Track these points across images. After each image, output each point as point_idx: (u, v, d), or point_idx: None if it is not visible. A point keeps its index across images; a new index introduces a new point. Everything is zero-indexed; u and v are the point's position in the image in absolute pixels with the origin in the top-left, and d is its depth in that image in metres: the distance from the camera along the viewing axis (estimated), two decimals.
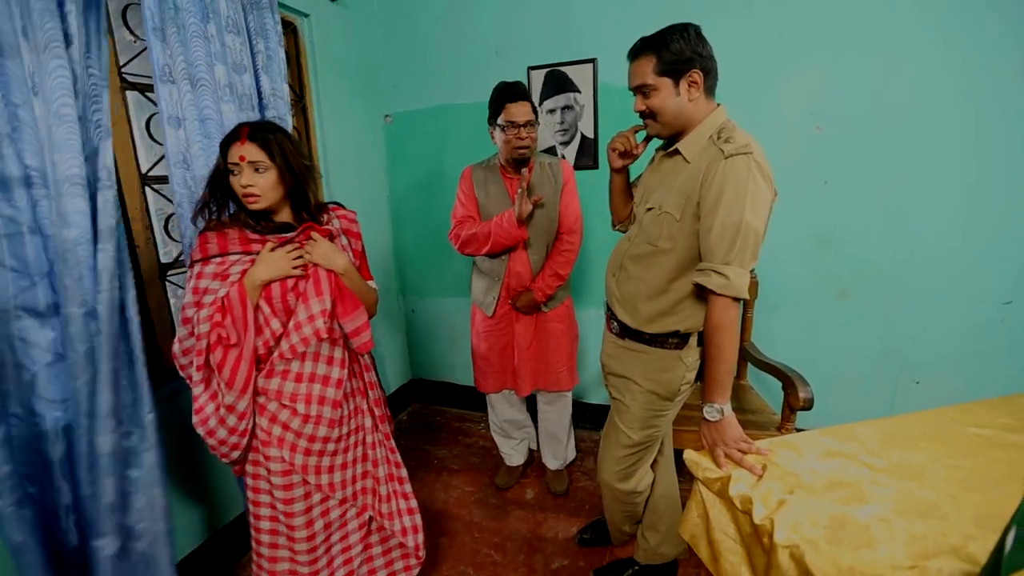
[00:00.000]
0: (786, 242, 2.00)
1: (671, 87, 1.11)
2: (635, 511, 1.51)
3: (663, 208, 1.15)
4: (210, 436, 1.14)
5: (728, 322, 1.05)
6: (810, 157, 1.90)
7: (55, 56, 1.08)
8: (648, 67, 1.11)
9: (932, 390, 1.94)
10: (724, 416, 1.07)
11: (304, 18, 2.03)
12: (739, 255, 1.03)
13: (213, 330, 1.09)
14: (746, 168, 1.03)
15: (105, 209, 1.17)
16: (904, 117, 1.78)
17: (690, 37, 1.10)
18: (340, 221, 1.31)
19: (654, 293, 1.19)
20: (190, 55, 1.41)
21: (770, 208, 1.10)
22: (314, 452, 1.20)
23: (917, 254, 1.86)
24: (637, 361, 1.26)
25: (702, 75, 1.11)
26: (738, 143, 1.06)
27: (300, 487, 1.20)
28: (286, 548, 1.22)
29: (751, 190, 1.02)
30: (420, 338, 2.79)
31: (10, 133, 1.07)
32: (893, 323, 1.94)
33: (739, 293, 1.03)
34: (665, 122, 1.15)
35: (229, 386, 1.11)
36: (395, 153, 2.58)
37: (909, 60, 1.73)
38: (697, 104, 1.13)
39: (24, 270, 1.11)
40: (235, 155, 1.10)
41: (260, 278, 1.12)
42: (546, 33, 2.14)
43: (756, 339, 2.07)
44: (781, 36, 1.85)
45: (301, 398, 1.18)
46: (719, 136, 1.09)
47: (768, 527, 0.87)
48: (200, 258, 1.15)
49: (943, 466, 1.03)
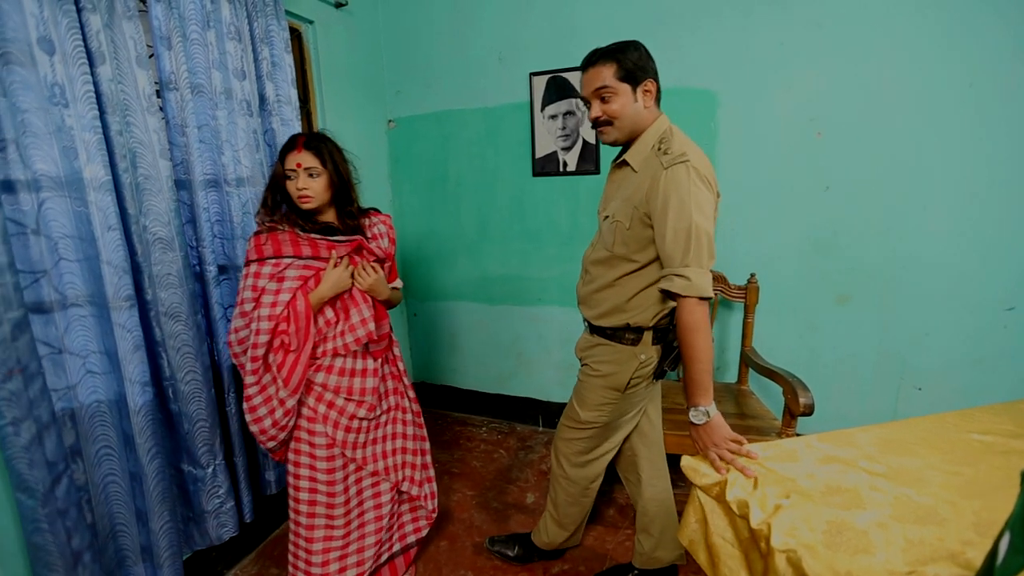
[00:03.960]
0: (786, 247, 2.00)
1: (630, 93, 1.16)
2: (579, 500, 1.52)
3: (615, 217, 1.22)
4: (256, 423, 1.29)
5: (698, 322, 1.09)
6: (811, 163, 1.91)
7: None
8: (608, 72, 1.16)
9: (934, 396, 1.93)
10: (711, 418, 1.08)
11: (309, 25, 2.06)
12: (695, 256, 1.08)
13: (277, 336, 1.25)
14: (685, 175, 1.09)
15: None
16: (905, 123, 1.78)
17: (643, 51, 1.18)
18: (382, 226, 1.47)
19: (610, 291, 1.27)
20: (192, 63, 1.44)
21: (714, 208, 1.15)
22: (352, 429, 1.39)
23: (918, 259, 1.85)
24: (599, 352, 1.33)
25: (655, 85, 1.18)
26: (675, 152, 1.12)
27: (340, 458, 1.38)
28: (323, 516, 1.39)
29: (693, 194, 1.08)
30: (422, 342, 2.80)
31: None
32: (894, 329, 1.93)
33: (703, 292, 1.08)
34: (622, 127, 1.19)
35: (286, 384, 1.27)
36: (398, 158, 2.60)
37: (910, 66, 1.74)
38: (650, 112, 1.20)
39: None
40: (292, 162, 1.26)
41: (326, 296, 1.30)
42: (548, 39, 2.16)
43: (757, 344, 2.07)
44: (782, 43, 1.86)
45: (344, 390, 1.37)
46: (660, 147, 1.16)
47: (765, 532, 0.87)
48: (256, 258, 1.29)
49: (943, 472, 1.02)
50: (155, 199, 1.35)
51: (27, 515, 1.12)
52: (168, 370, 1.40)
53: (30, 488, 1.11)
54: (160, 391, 1.42)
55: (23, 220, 1.14)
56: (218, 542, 1.56)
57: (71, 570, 1.19)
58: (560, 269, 2.36)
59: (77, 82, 1.17)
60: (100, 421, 1.29)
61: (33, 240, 1.16)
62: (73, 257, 1.22)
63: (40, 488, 1.12)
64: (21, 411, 1.08)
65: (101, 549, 1.28)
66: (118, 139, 1.26)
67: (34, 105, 1.12)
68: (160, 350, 1.39)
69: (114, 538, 1.34)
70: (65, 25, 1.14)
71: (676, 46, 1.98)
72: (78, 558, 1.21)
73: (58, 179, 1.18)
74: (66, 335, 1.23)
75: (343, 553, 1.44)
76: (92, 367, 1.28)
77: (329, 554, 1.42)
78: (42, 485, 1.12)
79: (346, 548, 1.44)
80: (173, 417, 1.45)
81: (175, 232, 1.39)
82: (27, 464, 1.10)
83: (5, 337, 1.05)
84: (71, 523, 1.20)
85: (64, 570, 1.17)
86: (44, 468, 1.13)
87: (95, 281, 1.25)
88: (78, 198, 1.20)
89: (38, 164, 1.14)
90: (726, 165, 2.01)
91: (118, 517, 1.34)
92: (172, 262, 1.39)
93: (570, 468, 1.47)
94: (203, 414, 1.48)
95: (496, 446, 2.45)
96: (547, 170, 2.29)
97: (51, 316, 1.20)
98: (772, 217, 2.00)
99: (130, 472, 1.35)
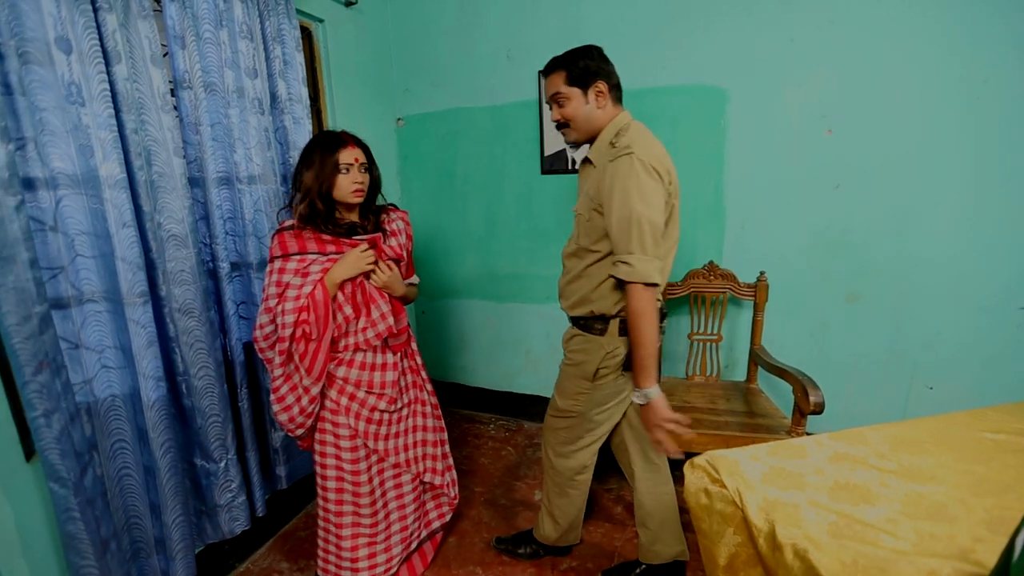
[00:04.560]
0: (796, 245, 1.99)
1: (580, 96, 1.25)
2: (566, 491, 1.54)
3: (579, 211, 1.33)
4: (285, 412, 1.35)
5: (642, 307, 1.15)
6: (821, 161, 1.90)
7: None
8: (559, 79, 1.26)
9: (945, 395, 1.91)
10: (650, 400, 1.18)
11: (319, 23, 2.07)
12: (638, 243, 1.14)
13: (299, 326, 1.27)
14: (628, 166, 1.15)
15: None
16: (917, 120, 1.77)
17: (594, 55, 1.26)
18: (400, 222, 1.52)
19: (579, 282, 1.34)
20: (205, 61, 1.46)
21: (664, 199, 1.20)
22: (374, 421, 1.43)
23: (929, 258, 1.84)
24: (575, 342, 1.40)
25: (607, 86, 1.25)
26: (622, 145, 1.19)
27: (362, 449, 1.42)
28: (350, 504, 1.44)
29: (635, 185, 1.14)
30: (430, 340, 2.81)
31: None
32: (905, 327, 1.92)
33: (646, 278, 1.14)
34: (578, 127, 1.29)
35: (309, 373, 1.31)
36: (407, 156, 2.61)
37: (922, 62, 1.73)
38: (605, 111, 1.27)
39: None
40: (350, 157, 1.32)
41: (340, 277, 1.32)
42: (557, 37, 2.16)
43: (766, 343, 2.06)
44: (792, 40, 1.85)
45: (364, 383, 1.41)
46: (613, 142, 1.24)
47: (771, 526, 0.88)
48: (281, 254, 1.32)
49: (954, 470, 1.02)
50: (169, 196, 1.37)
51: (60, 504, 1.14)
52: (181, 365, 1.42)
53: (62, 478, 1.13)
54: (173, 386, 1.44)
55: (42, 217, 1.16)
56: (230, 536, 1.58)
57: (100, 558, 1.21)
58: None
59: (93, 81, 1.19)
60: (115, 415, 1.31)
61: (51, 237, 1.18)
62: (89, 254, 1.24)
63: (71, 478, 1.14)
64: (52, 403, 1.10)
65: (119, 540, 1.30)
66: (133, 137, 1.27)
67: (52, 104, 1.14)
68: (173, 345, 1.41)
69: (129, 530, 1.36)
70: (82, 24, 1.16)
71: (685, 43, 1.98)
72: (106, 546, 1.24)
73: (75, 177, 1.20)
74: (82, 330, 1.25)
75: (371, 540, 1.48)
76: (107, 362, 1.30)
77: (358, 539, 1.47)
78: (72, 475, 1.15)
79: (374, 536, 1.48)
80: (186, 412, 1.47)
81: (188, 229, 1.41)
82: (58, 455, 1.12)
83: (33, 331, 1.07)
84: (99, 512, 1.22)
85: (95, 558, 1.19)
86: (73, 458, 1.15)
87: (110, 277, 1.27)
88: (94, 195, 1.22)
89: (55, 162, 1.17)
90: (736, 163, 2.01)
91: (132, 509, 1.36)
92: (186, 259, 1.41)
93: (555, 458, 1.52)
94: (216, 409, 1.50)
95: (504, 443, 2.46)
96: (556, 168, 2.29)
97: (68, 312, 1.22)
98: (782, 215, 1.99)
99: (144, 466, 1.37)
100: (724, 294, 2.02)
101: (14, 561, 1.15)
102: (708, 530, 1.01)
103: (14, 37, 1.08)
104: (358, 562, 1.47)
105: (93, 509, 1.20)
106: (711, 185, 2.06)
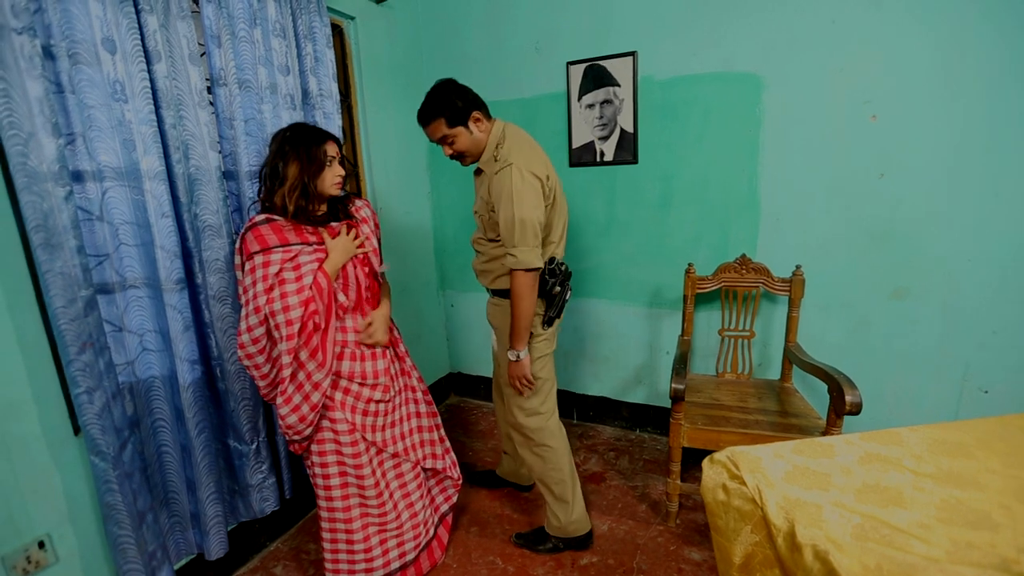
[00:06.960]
0: (836, 238, 1.89)
1: (464, 131, 1.45)
2: (552, 446, 1.62)
3: (479, 212, 1.55)
4: (294, 413, 1.31)
5: (521, 289, 1.40)
6: (865, 149, 1.79)
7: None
8: (441, 125, 1.44)
9: (1002, 400, 1.78)
10: (520, 359, 1.48)
11: (350, 20, 2.12)
12: (520, 239, 1.38)
13: (310, 318, 1.26)
14: (508, 177, 1.37)
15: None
16: (970, 104, 1.64)
17: (458, 92, 1.44)
18: (366, 210, 1.52)
19: (492, 263, 1.58)
20: (240, 59, 1.51)
21: (544, 193, 1.42)
22: (370, 413, 1.44)
23: (986, 252, 1.71)
24: (497, 311, 1.61)
25: (479, 112, 1.45)
26: (502, 158, 1.41)
27: (361, 443, 1.42)
28: (357, 496, 1.45)
29: (516, 191, 1.36)
30: (459, 332, 2.84)
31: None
32: (957, 326, 1.79)
33: (527, 265, 1.38)
34: (471, 154, 1.50)
35: (321, 366, 1.30)
36: (435, 149, 2.63)
37: (973, 42, 1.60)
38: (484, 132, 1.48)
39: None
40: (334, 150, 1.36)
41: (339, 264, 1.35)
42: (585, 27, 2.13)
43: (802, 340, 1.97)
44: (834, 22, 1.76)
45: (357, 375, 1.41)
46: (495, 155, 1.44)
47: (791, 526, 0.84)
48: (260, 249, 1.24)
49: (1001, 476, 0.95)
50: (205, 189, 1.43)
51: (100, 476, 1.22)
52: (216, 350, 1.49)
53: (102, 452, 1.21)
54: (208, 369, 1.51)
55: (89, 208, 1.24)
56: (261, 515, 1.65)
57: (137, 529, 1.29)
58: (595, 260, 2.33)
59: (135, 79, 1.25)
60: (155, 395, 1.39)
61: (98, 226, 1.26)
62: (131, 242, 1.32)
63: (111, 452, 1.22)
64: (94, 381, 1.18)
65: (156, 513, 1.38)
66: (172, 132, 1.34)
67: (99, 101, 1.22)
68: (208, 331, 1.47)
69: (167, 504, 1.44)
70: (125, 26, 1.23)
71: (718, 29, 1.91)
72: (143, 518, 1.32)
73: (119, 169, 1.27)
74: (125, 314, 1.33)
75: (382, 529, 1.48)
76: (148, 345, 1.37)
77: (369, 529, 1.47)
78: (112, 449, 1.23)
79: (385, 526, 1.48)
80: (220, 395, 1.53)
81: (223, 220, 1.47)
82: (99, 430, 1.20)
83: (78, 313, 1.15)
84: (136, 485, 1.30)
85: (132, 528, 1.27)
86: (113, 434, 1.23)
87: (150, 265, 1.34)
88: (136, 187, 1.29)
89: (102, 156, 1.24)
90: (771, 152, 1.93)
91: (171, 485, 1.44)
92: (220, 248, 1.47)
93: (526, 418, 1.61)
94: (247, 393, 1.56)
95: None
96: (584, 160, 2.26)
97: (113, 296, 1.31)
98: (821, 206, 1.89)
99: (181, 444, 1.45)
100: (757, 288, 1.95)
101: (63, 527, 1.24)
102: (724, 527, 0.97)
103: (65, 39, 1.16)
104: (372, 551, 1.47)
105: (131, 482, 1.28)
106: (744, 176, 1.98)
